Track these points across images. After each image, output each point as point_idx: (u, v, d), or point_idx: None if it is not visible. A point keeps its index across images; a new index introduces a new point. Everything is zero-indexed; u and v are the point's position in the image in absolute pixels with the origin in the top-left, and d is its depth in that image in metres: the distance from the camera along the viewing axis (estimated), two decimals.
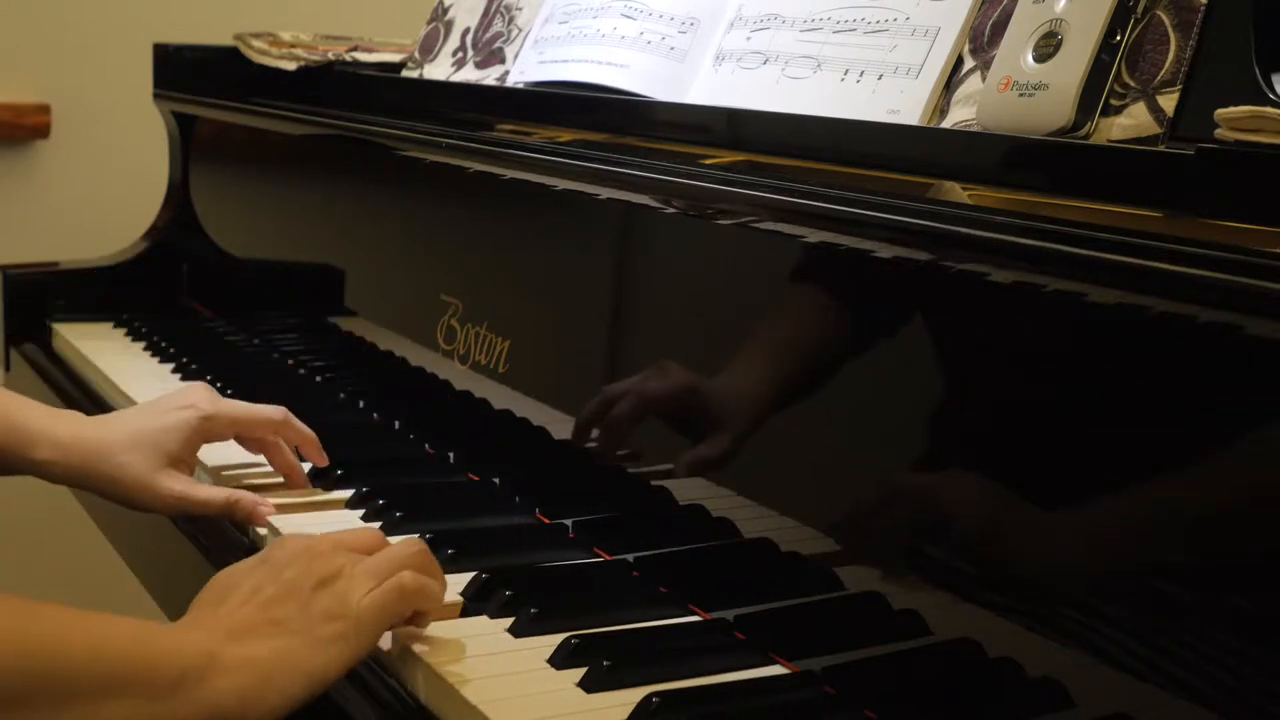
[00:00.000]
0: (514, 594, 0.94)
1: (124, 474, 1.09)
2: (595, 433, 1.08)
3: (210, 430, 1.13)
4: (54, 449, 1.09)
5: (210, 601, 0.85)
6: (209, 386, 1.19)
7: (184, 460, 1.12)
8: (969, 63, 0.97)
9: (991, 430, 0.80)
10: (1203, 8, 0.79)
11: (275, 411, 1.17)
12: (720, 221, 0.99)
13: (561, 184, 1.15)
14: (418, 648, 0.88)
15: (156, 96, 1.91)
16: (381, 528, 1.06)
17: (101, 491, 1.10)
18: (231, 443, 1.18)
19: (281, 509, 1.10)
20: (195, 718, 0.78)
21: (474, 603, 0.95)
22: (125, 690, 0.76)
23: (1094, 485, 0.74)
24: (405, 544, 0.90)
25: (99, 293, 1.85)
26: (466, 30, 1.52)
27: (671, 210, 1.02)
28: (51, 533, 2.13)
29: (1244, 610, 0.66)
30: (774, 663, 0.89)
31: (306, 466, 1.19)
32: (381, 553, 0.88)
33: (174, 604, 1.18)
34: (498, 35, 1.47)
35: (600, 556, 1.05)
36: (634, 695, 0.82)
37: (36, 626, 0.76)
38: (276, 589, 0.84)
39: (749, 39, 1.14)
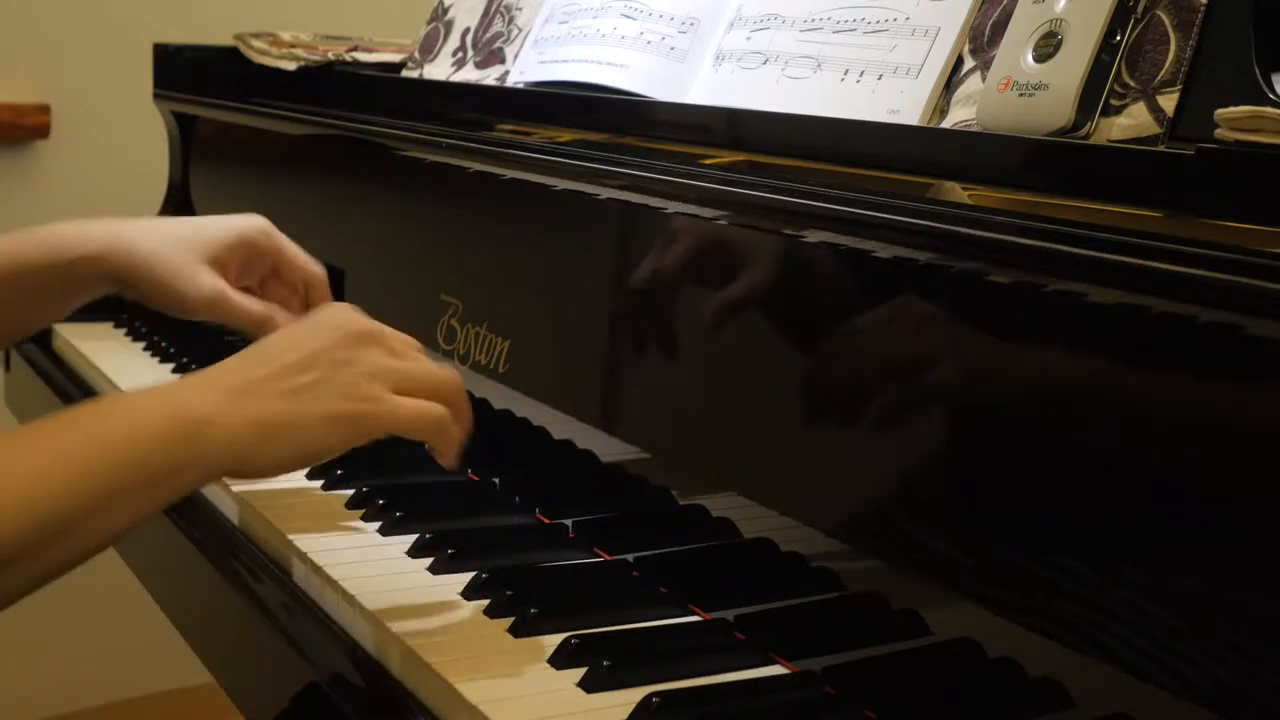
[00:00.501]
0: (514, 594, 0.94)
1: (163, 259, 1.05)
2: None
3: (258, 246, 1.10)
4: (92, 242, 1.06)
5: (248, 357, 0.87)
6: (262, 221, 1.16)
7: (226, 265, 1.09)
8: (969, 63, 0.97)
9: (991, 430, 0.80)
10: (1203, 8, 0.79)
11: (318, 269, 1.15)
12: (720, 221, 0.99)
13: (561, 184, 1.15)
14: (418, 648, 0.88)
15: (156, 96, 1.91)
16: (380, 529, 1.06)
17: (139, 281, 1.06)
18: None
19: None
20: (196, 481, 0.82)
21: (474, 602, 0.95)
22: (125, 493, 0.78)
23: (1094, 485, 0.74)
24: (443, 370, 0.90)
25: None
26: (466, 30, 1.52)
27: (671, 210, 1.02)
28: None
29: (1244, 610, 0.66)
30: (774, 663, 0.89)
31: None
32: (419, 365, 0.89)
33: (185, 619, 1.19)
34: (498, 35, 1.47)
35: (600, 556, 1.05)
36: (634, 695, 0.82)
37: (18, 480, 0.76)
38: (300, 355, 0.85)
39: (749, 39, 1.14)
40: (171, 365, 1.57)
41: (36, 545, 0.76)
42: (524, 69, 1.35)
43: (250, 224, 1.11)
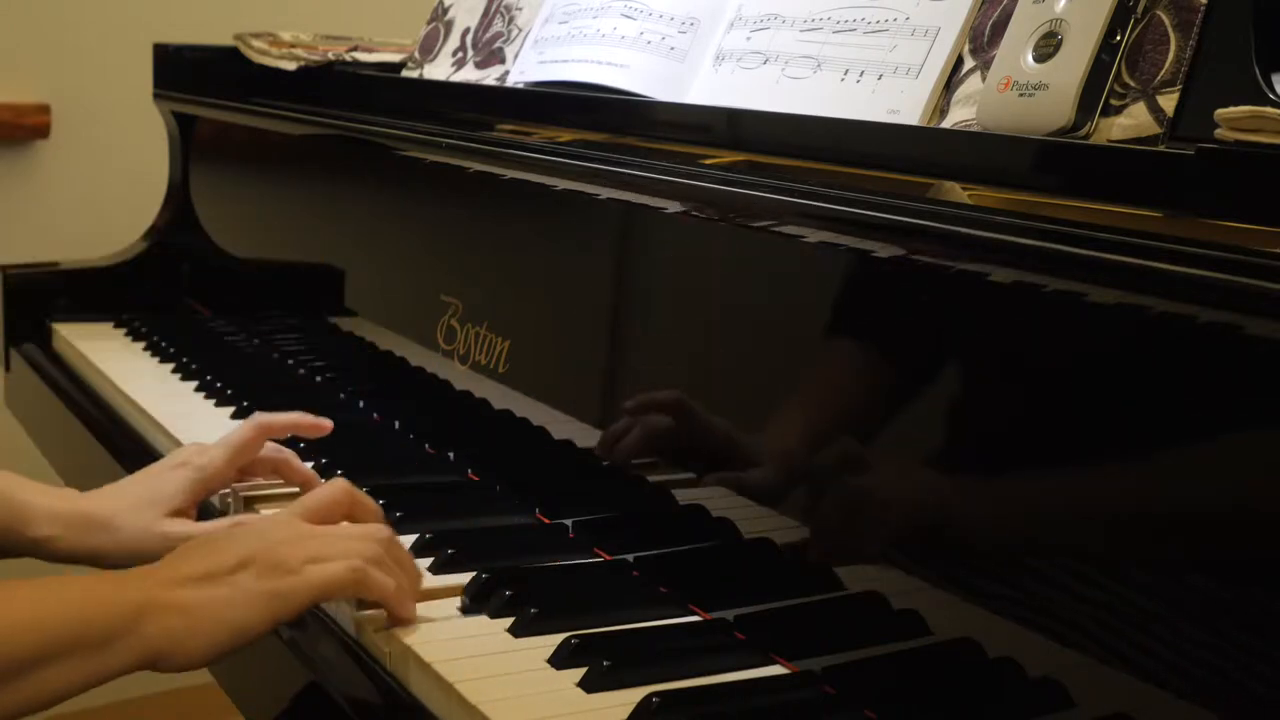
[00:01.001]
0: (514, 594, 0.94)
1: (129, 535, 1.08)
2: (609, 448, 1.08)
3: (208, 482, 1.13)
4: (53, 524, 1.08)
5: (172, 557, 0.91)
6: (200, 446, 1.17)
7: (185, 514, 1.11)
8: (969, 63, 0.97)
9: (992, 430, 0.80)
10: (1203, 8, 0.79)
11: (247, 428, 1.16)
12: (720, 221, 0.99)
13: (561, 184, 1.15)
14: (418, 648, 0.88)
15: (156, 96, 1.91)
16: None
17: (105, 558, 1.09)
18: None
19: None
20: (131, 660, 0.85)
21: (474, 603, 0.95)
22: (65, 653, 0.83)
23: (1094, 485, 0.74)
24: (366, 531, 0.94)
25: (99, 293, 1.85)
26: (466, 30, 1.52)
27: (671, 210, 1.02)
28: None
29: (1244, 610, 0.66)
30: (774, 663, 0.89)
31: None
32: (340, 531, 0.93)
33: None
34: (498, 35, 1.47)
35: (600, 556, 1.05)
36: (634, 695, 0.82)
37: None
38: (224, 547, 0.89)
39: (749, 39, 1.14)
40: (172, 365, 1.58)
41: None
42: (524, 69, 1.35)
43: (189, 474, 1.13)
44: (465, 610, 0.95)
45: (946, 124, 0.96)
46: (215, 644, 0.86)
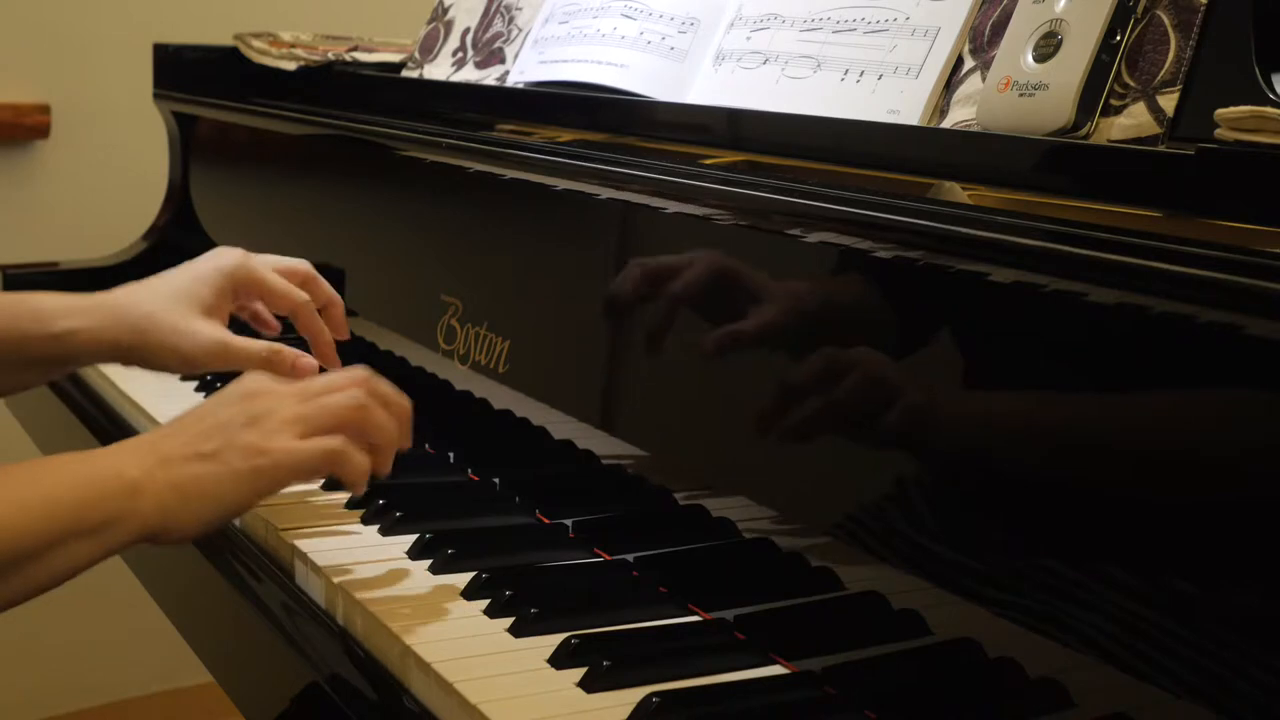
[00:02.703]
0: (514, 594, 0.94)
1: (157, 323, 1.07)
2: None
3: (239, 281, 1.12)
4: (75, 315, 1.07)
5: (167, 430, 0.93)
6: (239, 249, 1.18)
7: (219, 309, 1.11)
8: (969, 63, 0.97)
9: (991, 430, 0.80)
10: (1203, 8, 0.79)
11: (297, 294, 1.17)
12: (720, 221, 0.99)
13: (561, 184, 1.15)
14: (418, 648, 0.88)
15: (156, 96, 1.91)
16: (380, 529, 1.06)
17: (133, 351, 1.08)
18: None
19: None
20: (127, 538, 0.88)
21: (474, 603, 0.95)
22: (66, 537, 0.85)
23: (1094, 485, 0.74)
24: (345, 394, 0.95)
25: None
26: (466, 30, 1.52)
27: (671, 210, 1.02)
28: None
29: (1244, 610, 0.66)
30: (774, 663, 0.89)
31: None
32: (320, 401, 0.94)
33: (185, 619, 1.19)
34: (498, 35, 1.47)
35: (600, 556, 1.05)
36: (634, 695, 0.82)
37: None
38: (210, 423, 0.92)
39: (749, 39, 1.14)
40: None
41: None
42: (524, 69, 1.35)
43: (230, 260, 1.13)
44: (465, 610, 0.95)
45: (946, 124, 0.96)
46: (204, 520, 0.90)
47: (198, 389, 1.48)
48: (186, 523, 0.89)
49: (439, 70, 1.53)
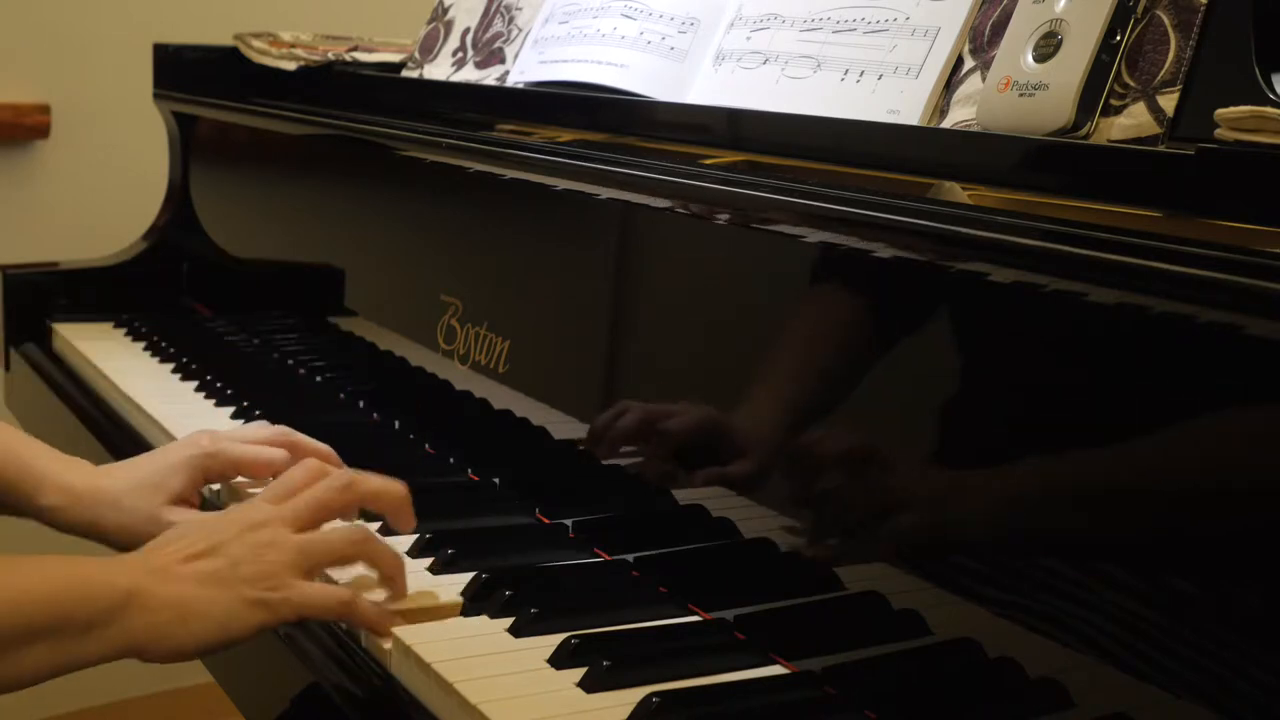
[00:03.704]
0: (514, 594, 0.94)
1: (132, 517, 1.09)
2: (602, 444, 1.08)
3: (211, 469, 1.13)
4: (62, 495, 1.09)
5: (156, 544, 0.91)
6: (212, 430, 1.18)
7: (187, 500, 1.12)
8: (969, 63, 0.97)
9: (992, 430, 0.80)
10: (1203, 8, 0.79)
11: (276, 453, 1.15)
12: (720, 221, 0.99)
13: (561, 184, 1.15)
14: (418, 648, 0.88)
15: (156, 96, 1.92)
16: (381, 529, 1.06)
17: (108, 537, 1.10)
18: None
19: None
20: (110, 650, 0.84)
21: (474, 603, 0.95)
22: (44, 635, 0.82)
23: (1094, 485, 0.74)
24: (344, 532, 0.94)
25: (99, 293, 1.85)
26: (466, 30, 1.52)
27: (672, 210, 1.02)
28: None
29: (1244, 610, 0.66)
30: (774, 663, 0.89)
31: None
32: (323, 538, 0.93)
33: None
34: (498, 35, 1.47)
35: (600, 556, 1.05)
36: (634, 695, 0.82)
37: None
38: (211, 544, 0.89)
39: (749, 39, 1.14)
40: (172, 365, 1.57)
41: None
42: (524, 69, 1.35)
43: (198, 452, 1.13)
44: (465, 610, 0.95)
45: (946, 124, 0.96)
46: (201, 643, 0.87)
47: (197, 389, 1.48)
48: (180, 643, 0.86)
49: (439, 70, 1.53)
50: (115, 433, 1.43)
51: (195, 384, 1.50)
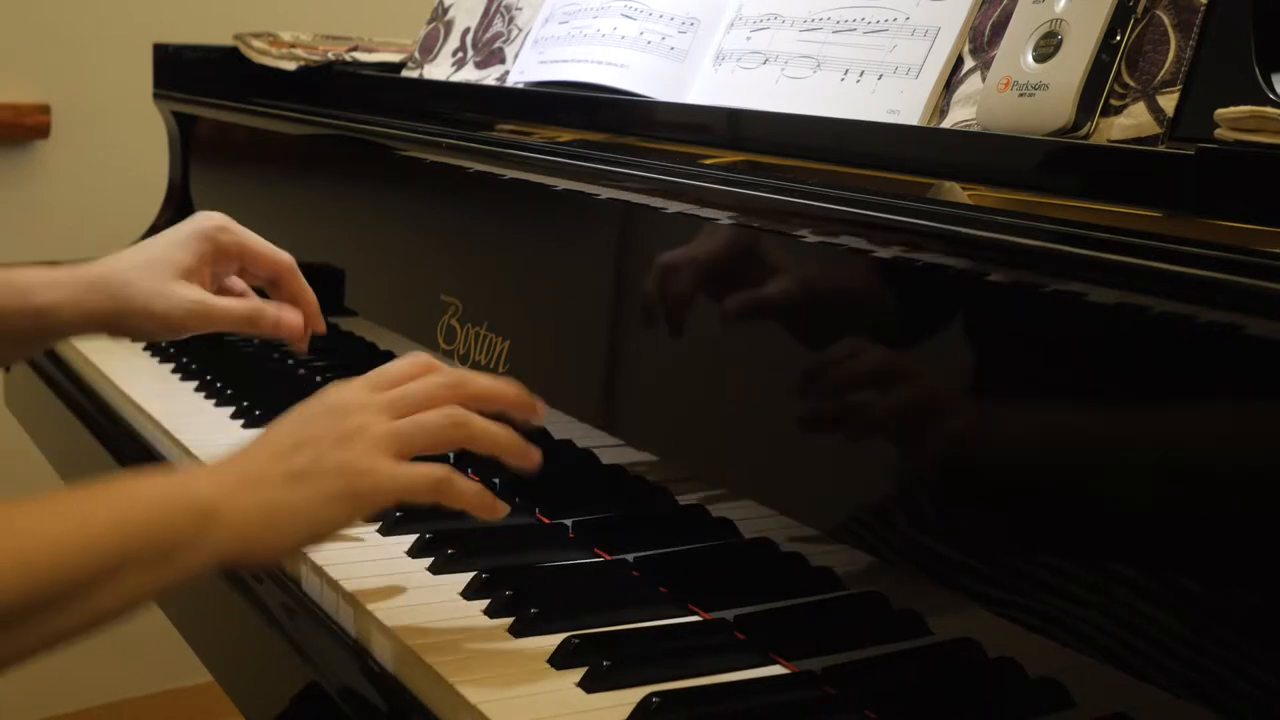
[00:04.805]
0: (514, 594, 0.94)
1: (137, 289, 1.05)
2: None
3: (220, 244, 1.09)
4: (55, 289, 1.04)
5: (244, 448, 0.87)
6: (223, 216, 1.14)
7: (198, 272, 1.08)
8: (969, 63, 0.97)
9: (991, 430, 0.80)
10: (1203, 8, 0.79)
11: (285, 255, 1.13)
12: (720, 221, 0.99)
13: (561, 184, 1.15)
14: (419, 648, 0.88)
15: (156, 96, 1.92)
16: (380, 529, 1.06)
17: (115, 318, 1.06)
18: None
19: None
20: (201, 566, 0.81)
21: (474, 602, 0.95)
22: (131, 564, 0.78)
23: (1094, 485, 0.74)
24: (441, 413, 0.88)
25: None
26: (466, 30, 1.52)
27: (671, 210, 1.02)
28: None
29: (1244, 610, 0.66)
30: (774, 663, 0.89)
31: None
32: (417, 419, 0.87)
33: (186, 620, 1.19)
34: (498, 35, 1.47)
35: (600, 556, 1.05)
36: (634, 695, 0.82)
37: (32, 540, 0.77)
38: (298, 440, 0.86)
39: (749, 39, 1.14)
40: (172, 365, 1.58)
41: (42, 607, 0.76)
42: (524, 69, 1.35)
43: (208, 224, 1.09)
44: (465, 610, 0.95)
45: (946, 124, 0.96)
46: (295, 543, 0.85)
47: (197, 390, 1.48)
48: (274, 546, 0.83)
49: (439, 70, 1.53)
50: (115, 433, 1.43)
51: (195, 384, 1.50)
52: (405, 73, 1.60)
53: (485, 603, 0.95)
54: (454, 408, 0.89)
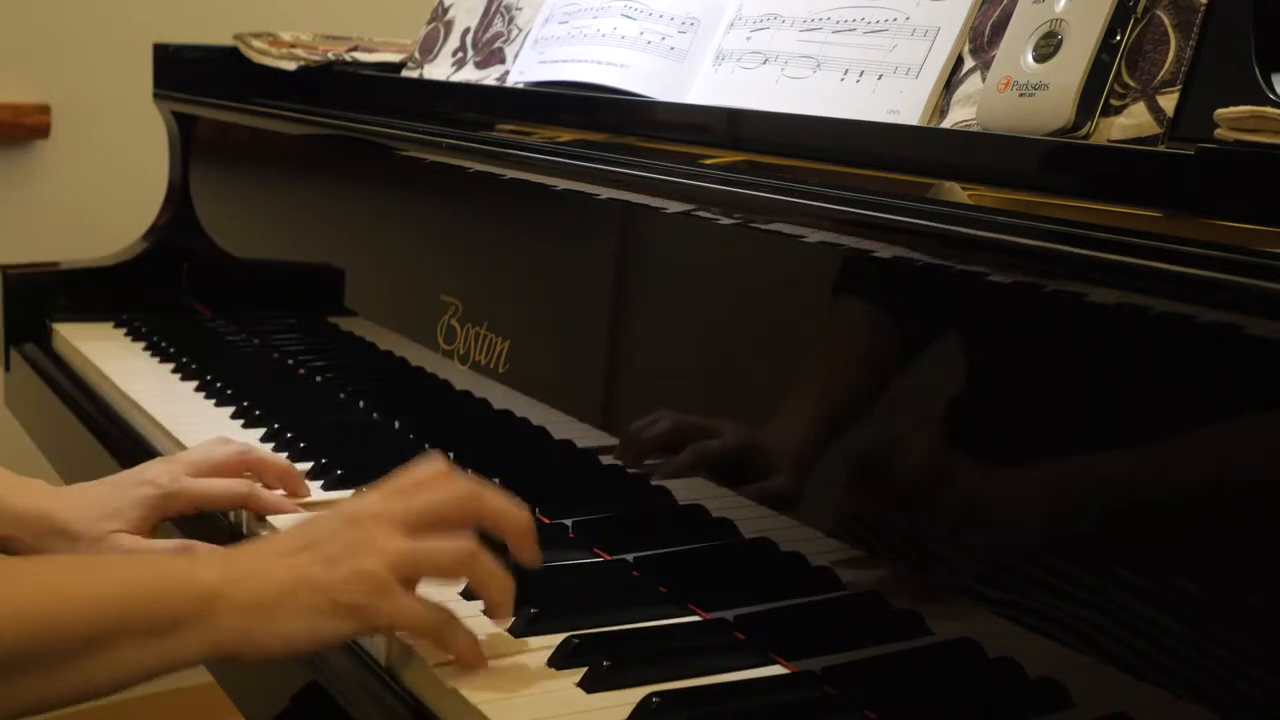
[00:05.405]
0: (513, 594, 0.93)
1: (79, 544, 1.06)
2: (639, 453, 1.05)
3: (169, 507, 1.10)
4: (12, 525, 1.06)
5: (259, 542, 0.87)
6: (171, 461, 1.14)
7: (142, 523, 1.09)
8: (969, 63, 0.97)
9: (992, 430, 0.80)
10: (1203, 8, 0.79)
11: (238, 487, 1.11)
12: (720, 221, 0.99)
13: (561, 184, 1.15)
14: (418, 648, 0.87)
15: (156, 96, 1.92)
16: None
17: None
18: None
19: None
20: (198, 652, 0.80)
21: (473, 602, 0.95)
22: (127, 636, 0.78)
23: (1095, 485, 0.74)
24: (455, 547, 0.86)
25: (99, 293, 1.85)
26: (466, 30, 1.52)
27: (671, 210, 1.02)
28: None
29: (1244, 610, 0.66)
30: (774, 663, 0.89)
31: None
32: (428, 549, 0.85)
33: None
34: (498, 35, 1.47)
35: (600, 556, 1.05)
36: (634, 695, 0.82)
37: (31, 590, 0.78)
38: (310, 540, 0.85)
39: (749, 39, 1.14)
40: (172, 365, 1.58)
41: (33, 662, 0.77)
42: (524, 69, 1.35)
43: (155, 490, 1.09)
44: (465, 610, 0.94)
45: (946, 124, 0.96)
46: (289, 645, 0.82)
47: (197, 389, 1.48)
48: (270, 643, 0.81)
49: (439, 70, 1.53)
50: (115, 433, 1.43)
51: (195, 384, 1.50)
52: (405, 73, 1.60)
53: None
54: (468, 545, 0.86)
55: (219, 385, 1.46)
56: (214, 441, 1.17)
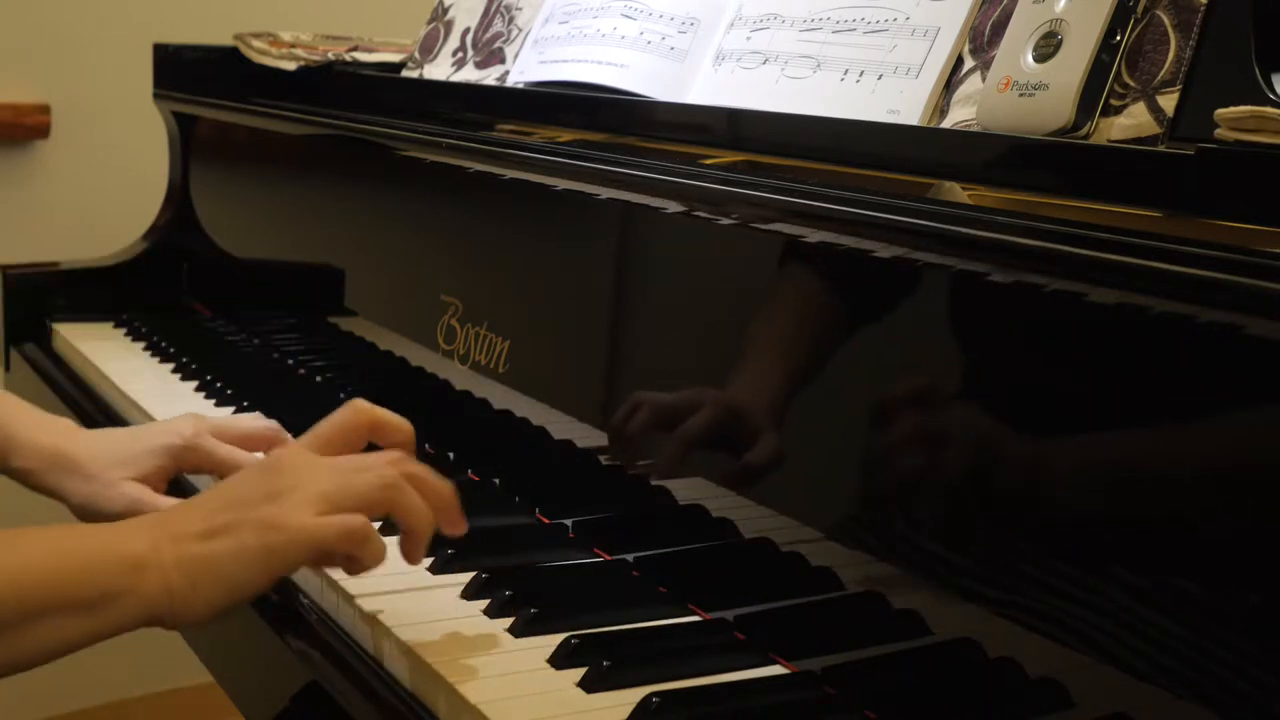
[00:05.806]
0: (514, 594, 0.94)
1: (94, 486, 1.08)
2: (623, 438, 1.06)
3: (186, 461, 1.11)
4: (33, 457, 1.09)
5: (175, 507, 0.90)
6: (201, 419, 1.15)
7: (154, 475, 1.10)
8: (969, 63, 0.97)
9: (992, 431, 0.80)
10: (1203, 8, 0.79)
11: (262, 426, 1.14)
12: (720, 221, 0.99)
13: (561, 184, 1.15)
14: (418, 647, 0.88)
15: (156, 96, 1.92)
16: (381, 529, 1.06)
17: (69, 503, 1.10)
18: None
19: None
20: (131, 618, 0.82)
21: (474, 602, 0.95)
22: (60, 608, 0.80)
23: (1094, 485, 0.74)
24: (374, 473, 0.88)
25: (99, 293, 1.85)
26: (466, 30, 1.52)
27: (671, 210, 1.02)
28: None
29: (1244, 610, 0.66)
30: (774, 663, 0.89)
31: None
32: (346, 478, 0.87)
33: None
34: (498, 35, 1.47)
35: (600, 556, 1.05)
36: (634, 695, 0.82)
37: None
38: (226, 499, 0.86)
39: (749, 39, 1.14)
40: (172, 365, 1.58)
41: None
42: (524, 69, 1.35)
43: (177, 441, 1.11)
44: (465, 610, 0.95)
45: (946, 124, 0.96)
46: (213, 603, 0.83)
47: (197, 389, 1.48)
48: (195, 606, 0.83)
49: (439, 70, 1.53)
50: None
51: (195, 384, 1.50)
52: (405, 73, 1.60)
53: (485, 603, 0.95)
54: (389, 470, 0.88)
55: (219, 385, 1.46)
56: (251, 415, 1.19)
